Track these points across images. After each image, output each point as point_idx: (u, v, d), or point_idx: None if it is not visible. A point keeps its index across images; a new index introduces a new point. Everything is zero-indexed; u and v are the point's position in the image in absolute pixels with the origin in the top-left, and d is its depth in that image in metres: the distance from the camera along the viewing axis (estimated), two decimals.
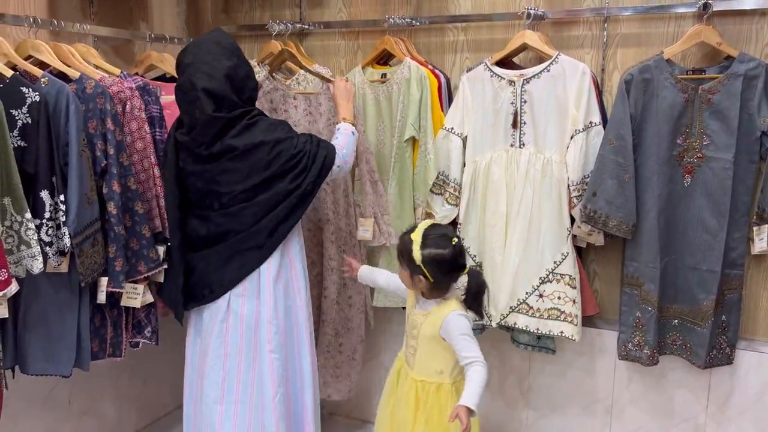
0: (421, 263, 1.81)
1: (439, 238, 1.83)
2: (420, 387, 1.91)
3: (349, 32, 2.71)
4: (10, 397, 1.96)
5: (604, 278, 2.42)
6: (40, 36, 2.06)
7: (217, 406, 1.99)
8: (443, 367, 1.89)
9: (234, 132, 1.89)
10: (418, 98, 2.32)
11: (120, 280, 1.99)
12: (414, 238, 1.83)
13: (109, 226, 1.98)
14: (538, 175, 2.19)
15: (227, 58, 1.90)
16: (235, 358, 1.98)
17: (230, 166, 1.90)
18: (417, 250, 1.81)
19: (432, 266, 1.81)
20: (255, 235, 1.94)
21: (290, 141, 1.92)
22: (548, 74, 2.17)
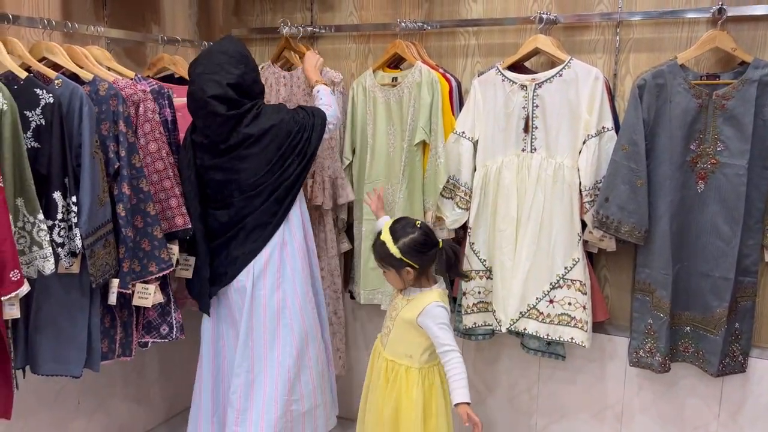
0: (401, 255, 1.92)
1: (405, 227, 1.97)
2: (390, 366, 2.02)
3: (360, 36, 2.71)
4: (20, 397, 1.97)
5: (616, 284, 2.41)
6: (54, 38, 2.07)
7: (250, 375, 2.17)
8: (413, 352, 1.99)
9: (246, 122, 2.07)
10: (429, 102, 2.32)
11: (126, 281, 2.00)
12: (384, 238, 1.96)
13: (118, 228, 1.98)
14: (550, 180, 2.18)
15: (235, 67, 2.06)
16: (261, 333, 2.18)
17: (247, 153, 2.08)
18: (392, 246, 1.93)
19: (411, 253, 1.93)
20: (268, 209, 2.13)
21: (292, 119, 2.12)
22: (560, 79, 2.16)
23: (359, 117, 2.52)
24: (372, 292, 2.56)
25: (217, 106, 2.02)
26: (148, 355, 2.70)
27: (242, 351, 2.16)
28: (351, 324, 2.84)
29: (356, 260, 2.62)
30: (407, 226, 1.98)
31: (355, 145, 2.55)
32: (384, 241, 1.96)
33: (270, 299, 2.14)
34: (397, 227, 1.98)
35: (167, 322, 2.18)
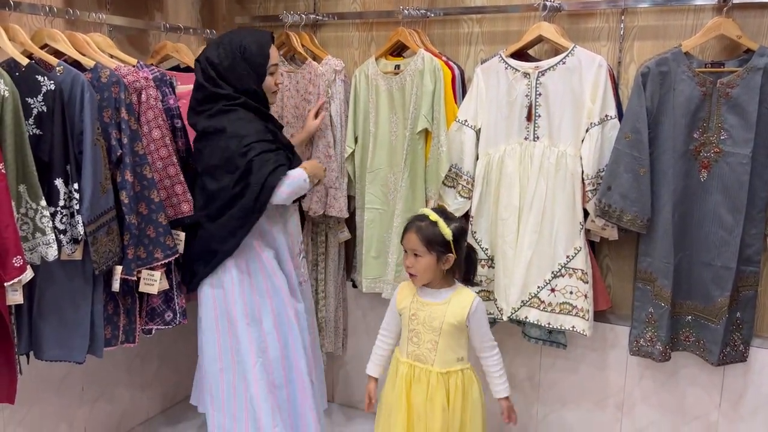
0: (451, 239, 1.88)
1: (451, 214, 2.00)
2: (446, 379, 1.93)
3: (363, 23, 2.70)
4: (24, 383, 1.99)
5: (617, 273, 2.41)
6: (56, 25, 2.07)
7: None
8: (463, 353, 1.97)
9: (209, 113, 2.02)
10: (432, 90, 2.31)
11: (131, 268, 2.01)
12: (435, 219, 1.90)
13: (122, 215, 1.99)
14: (552, 169, 2.17)
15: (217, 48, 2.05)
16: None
17: (198, 146, 2.08)
18: (445, 227, 1.88)
19: (460, 239, 1.92)
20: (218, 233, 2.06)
21: (245, 140, 1.95)
22: (564, 66, 2.15)
23: (361, 105, 2.52)
24: (374, 280, 2.56)
25: (197, 70, 2.05)
26: (151, 342, 2.72)
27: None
28: (353, 312, 2.85)
29: (358, 248, 2.63)
30: (451, 214, 2.01)
31: (357, 134, 2.55)
32: (435, 221, 1.89)
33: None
34: (444, 211, 1.99)
35: (171, 308, 2.20)
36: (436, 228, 1.89)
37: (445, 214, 1.95)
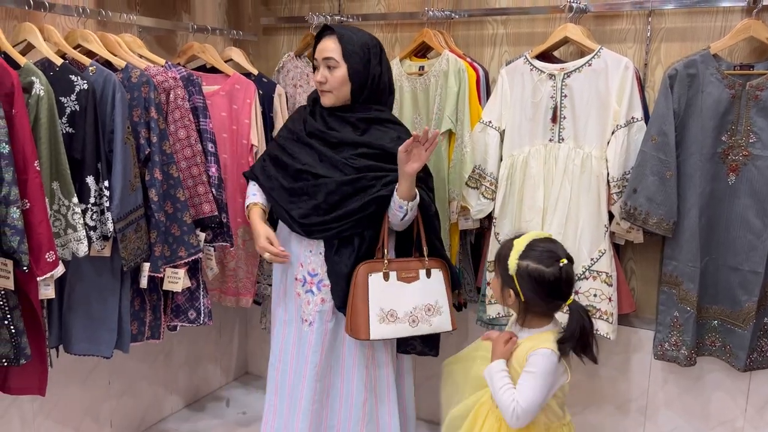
0: (514, 274, 1.58)
1: (544, 253, 1.58)
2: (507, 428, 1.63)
3: (387, 24, 2.71)
4: (53, 376, 2.03)
5: (642, 277, 2.39)
6: (88, 25, 2.12)
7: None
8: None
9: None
10: (456, 91, 2.31)
11: (159, 265, 2.04)
12: (515, 244, 1.60)
13: (150, 213, 2.02)
14: (577, 171, 2.16)
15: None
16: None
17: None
18: (514, 259, 1.58)
19: (526, 282, 1.58)
20: None
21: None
22: (590, 68, 2.14)
23: None
24: None
25: None
26: (176, 339, 2.76)
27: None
28: None
29: None
30: (548, 254, 1.58)
31: None
32: (513, 246, 1.60)
33: None
34: (539, 246, 1.60)
35: (195, 307, 2.22)
36: (509, 251, 1.60)
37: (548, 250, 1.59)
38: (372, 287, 1.92)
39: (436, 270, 2.00)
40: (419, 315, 1.97)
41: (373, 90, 1.97)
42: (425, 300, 1.98)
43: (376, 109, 1.99)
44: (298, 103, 2.62)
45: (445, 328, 2.00)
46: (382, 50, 2.00)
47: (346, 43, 1.92)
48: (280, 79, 2.71)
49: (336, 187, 1.90)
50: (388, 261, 1.94)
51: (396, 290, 1.94)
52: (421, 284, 1.98)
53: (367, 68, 1.94)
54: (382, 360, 2.05)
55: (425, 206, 1.95)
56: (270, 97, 2.54)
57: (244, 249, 2.54)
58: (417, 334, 1.98)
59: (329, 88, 1.95)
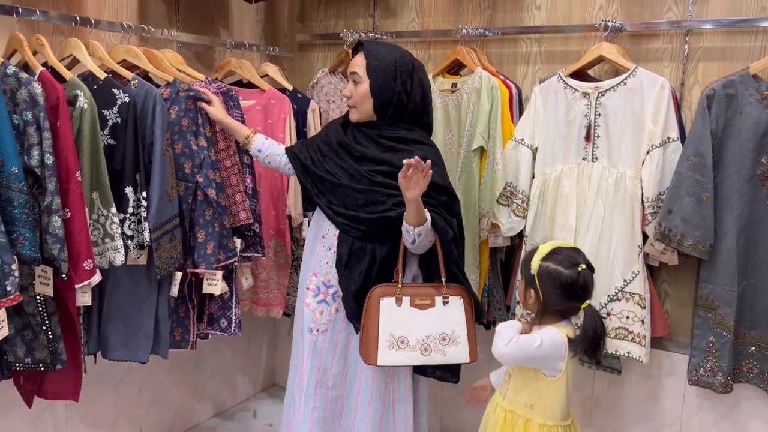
0: (535, 273, 1.72)
1: (566, 258, 1.71)
2: (509, 417, 1.81)
3: (421, 42, 2.74)
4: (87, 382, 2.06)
5: (676, 299, 2.34)
6: (131, 41, 2.18)
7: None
8: (534, 401, 1.77)
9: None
10: (489, 108, 2.32)
11: (212, 262, 2.08)
12: (540, 248, 1.75)
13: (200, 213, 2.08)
14: (611, 190, 2.14)
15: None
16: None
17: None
18: (536, 259, 1.72)
19: (545, 282, 1.70)
20: None
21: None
22: (625, 87, 2.12)
23: None
24: None
25: None
26: (205, 349, 2.79)
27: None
28: None
29: None
30: (568, 259, 1.71)
31: None
32: (537, 249, 1.75)
33: None
34: (562, 252, 1.74)
35: (226, 316, 2.25)
36: (533, 253, 1.75)
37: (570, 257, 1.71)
38: (383, 312, 1.88)
39: (456, 298, 1.92)
40: (432, 344, 1.90)
41: (399, 108, 1.92)
42: (440, 329, 1.90)
43: (405, 128, 1.94)
44: (331, 118, 2.65)
45: (462, 359, 1.92)
46: (416, 69, 1.94)
47: (371, 59, 1.90)
48: (314, 94, 2.75)
49: (350, 193, 1.90)
50: (402, 285, 1.89)
51: (408, 316, 1.89)
52: (437, 312, 1.90)
53: (391, 85, 1.89)
54: (400, 373, 2.02)
55: (441, 231, 1.86)
56: (304, 112, 2.58)
57: (275, 260, 2.58)
58: (429, 363, 1.92)
59: (353, 103, 1.94)
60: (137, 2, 2.38)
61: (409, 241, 1.85)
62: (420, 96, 1.95)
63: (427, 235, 1.84)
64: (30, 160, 1.67)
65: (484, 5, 2.58)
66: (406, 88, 1.91)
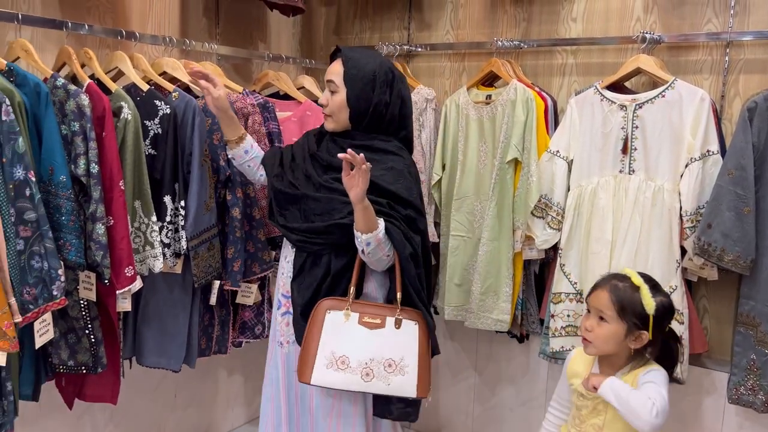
0: (653, 314, 1.56)
1: (657, 285, 1.63)
2: None
3: (455, 54, 2.75)
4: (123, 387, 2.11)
5: (716, 315, 2.29)
6: (173, 54, 2.24)
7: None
8: None
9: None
10: (524, 120, 2.31)
11: (237, 280, 2.12)
12: (638, 284, 1.59)
13: (231, 230, 2.11)
14: (648, 203, 2.11)
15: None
16: None
17: None
18: (649, 298, 1.56)
19: (663, 319, 1.59)
20: None
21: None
22: (663, 100, 2.10)
23: (451, 134, 2.55)
24: (456, 308, 2.55)
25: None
26: (239, 357, 2.82)
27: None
28: None
29: (441, 275, 2.64)
30: (659, 285, 1.63)
31: (445, 161, 2.58)
32: (638, 286, 1.58)
33: None
34: (650, 279, 1.63)
35: (261, 322, 2.29)
36: (637, 294, 1.57)
37: (653, 283, 1.63)
38: (327, 325, 1.72)
39: (410, 322, 1.73)
40: (376, 369, 1.70)
41: (376, 119, 1.81)
42: (387, 353, 1.71)
43: (381, 140, 1.82)
44: None
45: (407, 392, 1.71)
46: (396, 80, 1.82)
47: (349, 67, 1.79)
48: None
49: (308, 201, 1.78)
50: (353, 301, 1.73)
51: (354, 335, 1.71)
52: (386, 334, 1.72)
53: (368, 96, 1.78)
54: (348, 412, 1.80)
55: (397, 245, 1.69)
56: None
57: None
58: (369, 391, 1.73)
59: (329, 112, 1.84)
60: (179, 16, 2.45)
61: (360, 250, 1.69)
62: (399, 108, 1.84)
63: (380, 245, 1.67)
64: (77, 169, 1.73)
65: (519, 17, 2.58)
66: (384, 99, 1.80)
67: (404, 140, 1.88)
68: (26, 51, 1.79)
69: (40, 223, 1.59)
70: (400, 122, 1.85)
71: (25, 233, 1.58)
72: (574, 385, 1.70)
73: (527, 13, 2.56)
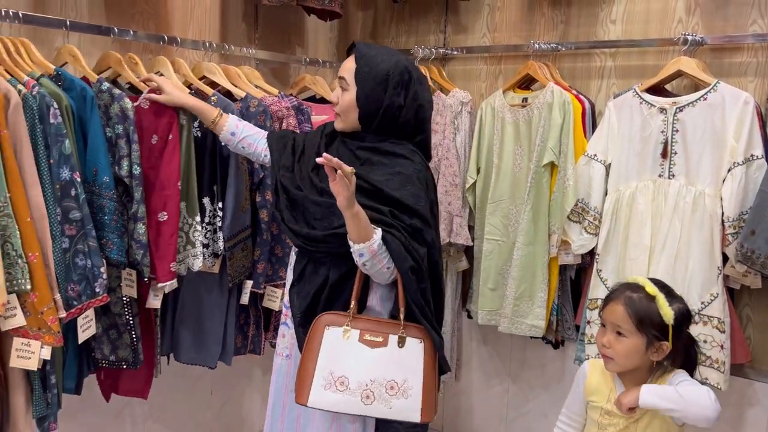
0: (672, 323, 1.50)
1: (672, 291, 1.57)
2: None
3: (492, 57, 2.74)
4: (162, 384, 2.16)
5: (760, 324, 2.22)
6: (212, 58, 2.29)
7: None
8: None
9: None
10: (560, 123, 2.29)
11: (259, 282, 2.15)
12: (653, 293, 1.52)
13: (259, 232, 2.14)
14: (688, 209, 2.06)
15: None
16: None
17: None
18: (666, 306, 1.50)
19: (682, 325, 1.53)
20: None
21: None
22: (705, 103, 2.05)
23: (486, 137, 2.54)
24: (490, 313, 2.54)
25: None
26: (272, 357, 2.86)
27: None
28: (467, 344, 2.84)
29: (474, 280, 2.62)
30: (674, 292, 1.57)
31: (480, 165, 2.57)
32: (654, 296, 1.51)
33: None
34: (666, 286, 1.57)
35: None
36: (653, 305, 1.50)
37: (667, 289, 1.56)
38: (326, 343, 1.61)
39: (415, 341, 1.61)
40: (377, 391, 1.58)
41: (387, 121, 1.68)
42: (389, 374, 1.59)
43: (391, 142, 1.69)
44: None
45: (411, 417, 1.59)
46: (413, 81, 1.69)
47: (362, 65, 1.67)
48: None
49: (308, 205, 1.68)
50: (354, 316, 1.61)
51: (354, 353, 1.59)
52: (389, 353, 1.60)
53: (379, 96, 1.65)
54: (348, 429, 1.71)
55: (396, 257, 1.57)
56: None
57: None
58: (370, 415, 1.61)
59: (339, 111, 1.72)
60: (219, 22, 2.50)
61: (355, 260, 1.58)
62: (414, 112, 1.70)
63: (375, 257, 1.55)
64: (120, 170, 1.78)
65: (557, 20, 2.56)
66: (396, 101, 1.66)
67: (420, 145, 1.75)
68: (73, 56, 1.86)
69: (84, 222, 1.65)
70: (415, 127, 1.72)
71: (70, 232, 1.64)
72: (598, 403, 1.62)
73: (565, 15, 2.54)
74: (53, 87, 1.64)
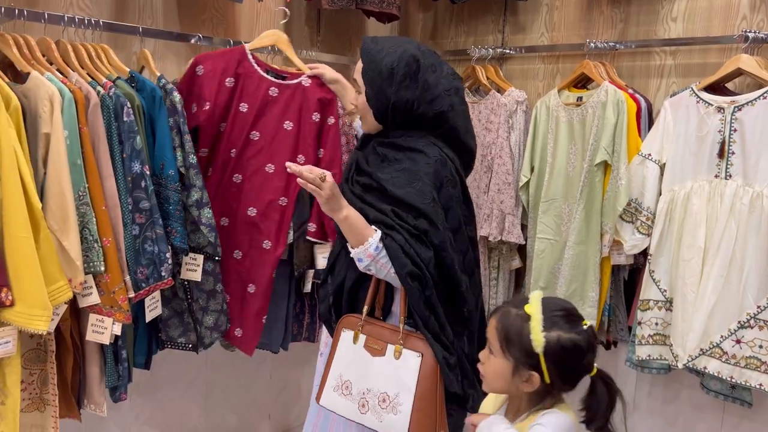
0: (542, 352, 1.23)
1: (568, 316, 1.27)
2: None
3: (549, 56, 2.74)
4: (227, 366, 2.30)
5: None
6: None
7: None
8: None
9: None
10: (614, 122, 2.27)
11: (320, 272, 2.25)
12: (531, 312, 1.26)
13: None
14: (745, 210, 2.00)
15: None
16: None
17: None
18: (537, 332, 1.23)
19: (556, 358, 1.24)
20: None
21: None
22: (765, 101, 1.99)
23: (540, 135, 2.55)
24: None
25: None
26: None
27: None
28: None
29: (526, 278, 2.64)
30: (571, 317, 1.28)
31: (534, 164, 2.58)
32: (529, 315, 1.25)
33: None
34: (556, 309, 1.28)
35: None
36: (525, 326, 1.25)
37: (564, 311, 1.28)
38: (341, 345, 1.59)
39: (412, 353, 1.49)
40: (371, 402, 1.50)
41: (402, 116, 1.59)
42: (383, 386, 1.50)
43: (409, 136, 1.60)
44: None
45: None
46: (422, 69, 1.57)
47: (366, 62, 1.61)
48: None
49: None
50: (365, 320, 1.56)
51: (358, 359, 1.55)
52: (385, 364, 1.51)
53: (385, 92, 1.57)
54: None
55: (394, 261, 1.48)
56: None
57: None
58: (364, 424, 1.54)
59: (360, 114, 1.69)
60: (283, 25, 2.64)
61: (357, 266, 1.54)
62: (428, 102, 1.57)
63: (375, 261, 1.49)
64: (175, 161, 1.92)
65: (616, 18, 2.53)
66: (405, 96, 1.56)
67: (444, 136, 1.62)
68: (146, 60, 2.03)
69: (152, 211, 1.81)
70: (435, 118, 1.59)
71: (140, 220, 1.80)
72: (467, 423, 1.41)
73: (624, 13, 2.51)
74: (127, 88, 1.80)
